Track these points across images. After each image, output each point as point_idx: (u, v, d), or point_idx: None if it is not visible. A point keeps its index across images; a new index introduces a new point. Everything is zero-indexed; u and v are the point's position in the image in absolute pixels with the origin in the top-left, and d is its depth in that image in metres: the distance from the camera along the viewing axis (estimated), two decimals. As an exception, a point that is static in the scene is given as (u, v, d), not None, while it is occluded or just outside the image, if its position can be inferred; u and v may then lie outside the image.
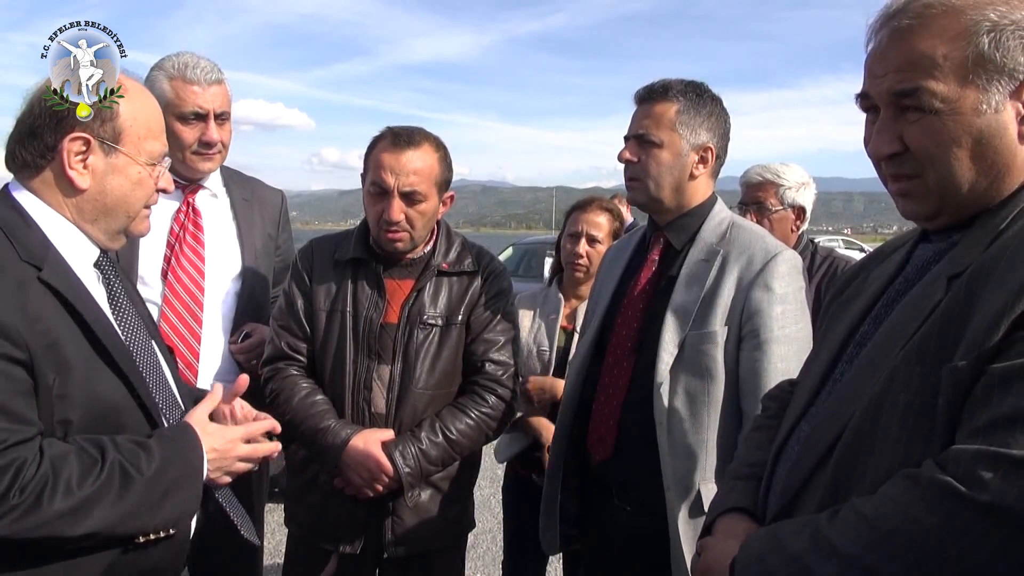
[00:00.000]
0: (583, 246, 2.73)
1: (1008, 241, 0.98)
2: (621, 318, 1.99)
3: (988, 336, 0.90)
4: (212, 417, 1.55)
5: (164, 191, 1.54)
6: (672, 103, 1.90)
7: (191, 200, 2.33)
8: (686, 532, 1.81)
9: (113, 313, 1.47)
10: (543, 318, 2.81)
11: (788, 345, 1.80)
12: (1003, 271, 0.93)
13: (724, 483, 1.41)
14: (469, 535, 2.35)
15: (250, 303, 2.38)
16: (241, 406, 1.67)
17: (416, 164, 2.03)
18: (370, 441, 2.01)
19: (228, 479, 1.54)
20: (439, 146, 2.11)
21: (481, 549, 4.47)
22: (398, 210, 2.02)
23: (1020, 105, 1.00)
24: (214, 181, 2.41)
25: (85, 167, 1.40)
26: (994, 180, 1.03)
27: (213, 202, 2.40)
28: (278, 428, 1.63)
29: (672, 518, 1.83)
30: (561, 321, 2.77)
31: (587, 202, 2.86)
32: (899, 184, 1.10)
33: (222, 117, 2.29)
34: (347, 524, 2.10)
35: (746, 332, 1.82)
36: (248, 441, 1.54)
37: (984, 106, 1.00)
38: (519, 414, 2.63)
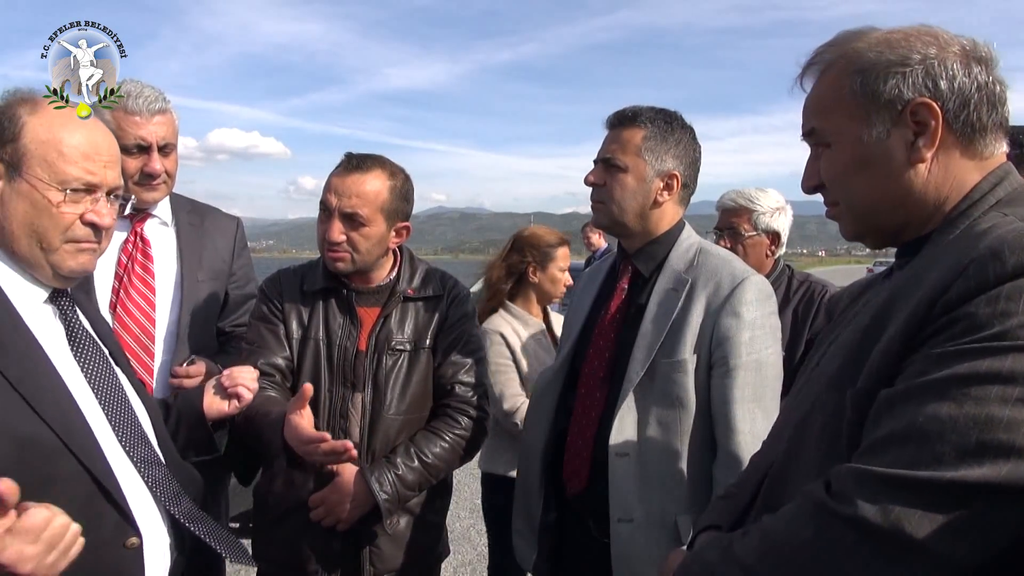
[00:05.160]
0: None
1: (918, 268, 1.03)
2: (592, 347, 1.98)
3: (883, 361, 0.97)
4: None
5: (93, 225, 1.40)
6: (639, 129, 1.92)
7: (139, 229, 2.29)
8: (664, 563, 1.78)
9: (73, 350, 1.42)
10: None
11: (757, 371, 1.79)
12: (905, 299, 1.00)
13: (712, 502, 1.47)
14: (449, 567, 2.30)
15: (201, 332, 2.34)
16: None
17: (360, 187, 2.04)
18: (296, 413, 1.86)
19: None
20: (394, 175, 2.10)
21: (460, 582, 4.39)
22: (337, 231, 2.04)
23: (908, 132, 1.08)
24: (163, 209, 2.38)
25: None
26: (898, 203, 1.11)
27: (163, 230, 2.37)
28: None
29: (646, 550, 1.79)
30: None
31: None
32: (829, 210, 1.22)
33: (166, 148, 2.26)
34: (323, 556, 2.06)
35: (715, 359, 1.81)
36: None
37: (865, 137, 1.10)
38: None
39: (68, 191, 1.36)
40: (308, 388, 1.82)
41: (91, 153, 1.40)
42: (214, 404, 1.77)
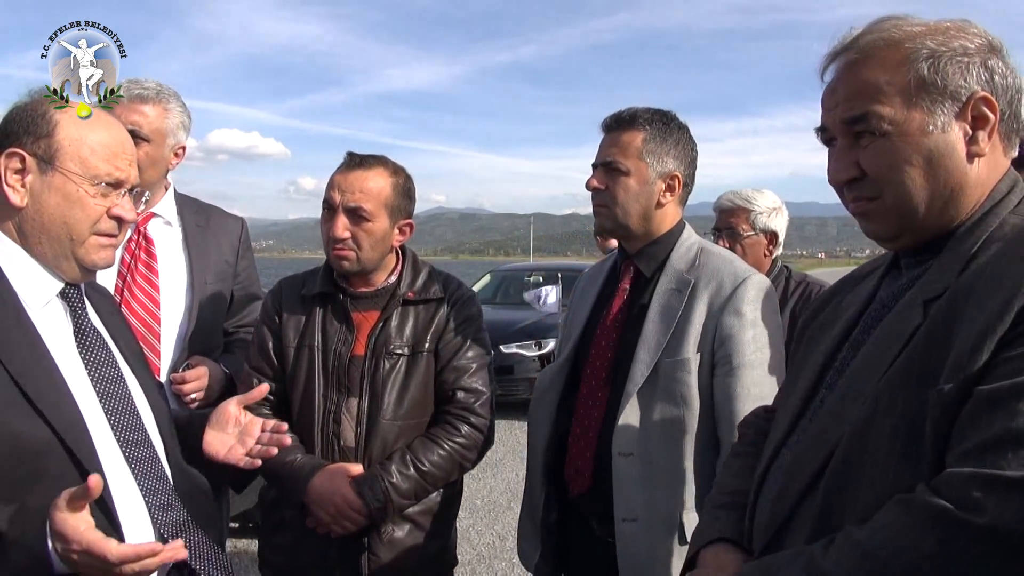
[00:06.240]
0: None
1: (985, 264, 1.00)
2: (595, 348, 1.98)
3: (972, 358, 0.91)
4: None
5: (119, 219, 1.45)
6: (639, 132, 1.92)
7: (142, 229, 2.28)
8: (672, 564, 1.79)
9: (79, 348, 1.42)
10: None
11: (761, 370, 1.80)
12: (982, 293, 0.95)
13: (705, 512, 1.39)
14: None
15: (206, 333, 2.34)
16: (244, 414, 1.66)
17: (364, 183, 2.03)
18: (336, 475, 1.97)
19: None
20: (396, 172, 2.10)
21: (460, 582, 4.39)
22: (342, 227, 2.02)
23: (966, 125, 1.06)
24: (167, 208, 2.38)
25: (23, 185, 1.38)
26: (949, 199, 1.08)
27: (167, 230, 2.36)
28: (180, 555, 1.26)
29: (651, 549, 1.80)
30: None
31: None
32: (860, 205, 1.14)
33: (137, 135, 2.14)
34: (320, 564, 2.04)
35: (719, 358, 1.82)
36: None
37: (931, 127, 1.05)
38: None
39: (102, 184, 1.42)
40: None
41: (117, 151, 1.45)
42: (213, 444, 1.64)
